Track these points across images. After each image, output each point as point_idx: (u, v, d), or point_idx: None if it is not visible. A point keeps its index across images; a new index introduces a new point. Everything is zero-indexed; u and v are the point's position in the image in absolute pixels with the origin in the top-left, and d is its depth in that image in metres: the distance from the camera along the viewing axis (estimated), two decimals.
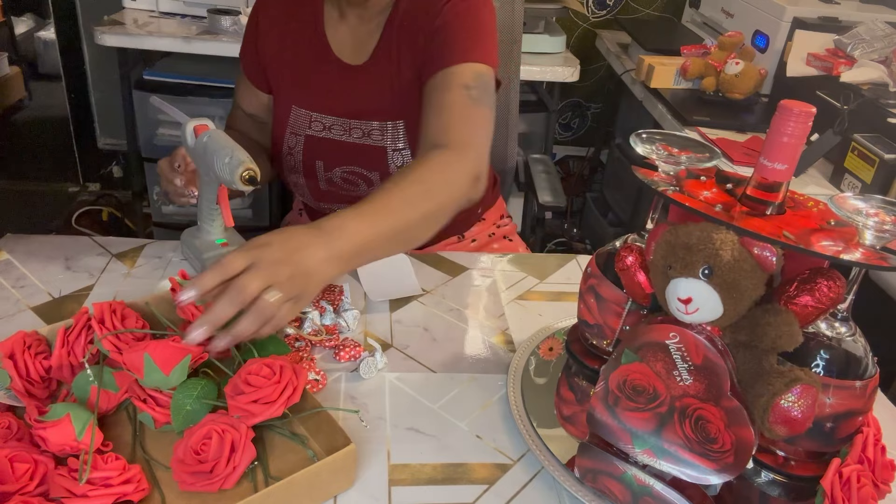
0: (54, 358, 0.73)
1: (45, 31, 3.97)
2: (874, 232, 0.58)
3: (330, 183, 1.15)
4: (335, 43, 1.09)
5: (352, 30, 1.08)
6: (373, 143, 1.10)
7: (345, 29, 1.08)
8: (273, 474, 0.67)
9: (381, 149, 1.10)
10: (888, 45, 1.73)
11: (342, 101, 1.10)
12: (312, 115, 1.12)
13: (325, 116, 1.11)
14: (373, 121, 1.09)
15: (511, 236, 1.33)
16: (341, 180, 1.14)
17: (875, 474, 0.65)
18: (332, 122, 1.11)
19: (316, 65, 1.10)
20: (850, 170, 1.44)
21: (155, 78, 2.14)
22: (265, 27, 1.13)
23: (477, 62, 0.99)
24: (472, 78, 0.98)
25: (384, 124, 1.09)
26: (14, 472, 0.61)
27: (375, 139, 1.09)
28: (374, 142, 1.10)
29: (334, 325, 0.89)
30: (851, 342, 0.63)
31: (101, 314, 0.74)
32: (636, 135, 0.74)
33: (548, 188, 1.44)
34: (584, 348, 0.82)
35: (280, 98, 1.15)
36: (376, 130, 1.09)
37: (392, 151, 1.09)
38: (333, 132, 1.11)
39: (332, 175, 1.14)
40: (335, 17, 1.09)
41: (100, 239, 1.05)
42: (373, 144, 1.10)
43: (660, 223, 0.68)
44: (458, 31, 1.00)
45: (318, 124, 1.11)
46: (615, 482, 0.66)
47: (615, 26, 2.59)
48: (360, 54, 1.08)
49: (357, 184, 1.14)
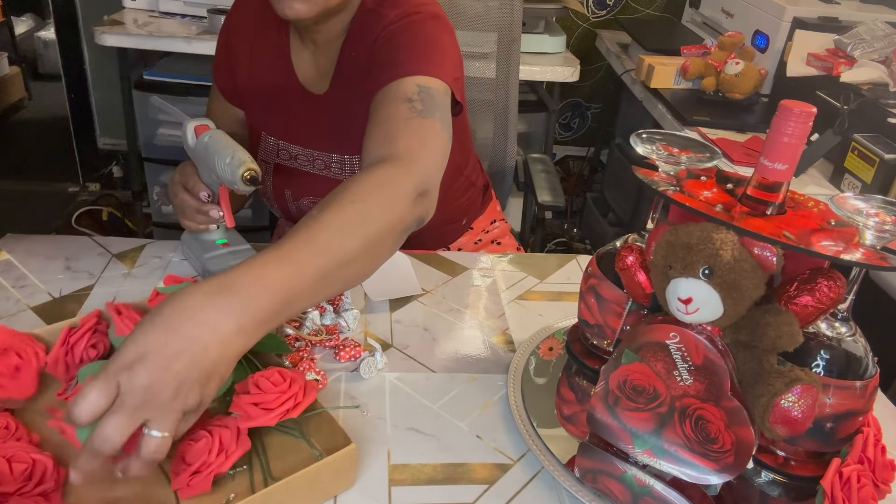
0: (52, 354, 0.73)
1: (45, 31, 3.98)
2: (874, 232, 0.58)
3: (300, 210, 1.12)
4: (300, 70, 1.05)
5: (313, 57, 1.04)
6: (332, 177, 1.06)
7: (307, 56, 1.04)
8: (273, 474, 0.67)
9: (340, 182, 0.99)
10: (888, 45, 1.73)
11: (306, 130, 1.06)
12: (280, 144, 1.08)
13: (290, 146, 1.08)
14: (333, 153, 1.05)
15: (501, 239, 1.31)
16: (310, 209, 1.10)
17: (875, 474, 0.65)
18: (298, 152, 1.08)
19: (283, 92, 1.06)
20: (850, 170, 1.44)
21: (155, 78, 2.14)
22: (237, 46, 1.08)
23: (422, 75, 0.89)
24: (415, 90, 0.87)
25: (343, 158, 1.05)
26: (13, 472, 0.61)
27: (335, 172, 1.06)
28: (333, 175, 1.06)
29: (334, 325, 0.89)
30: (851, 342, 0.63)
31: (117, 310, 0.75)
32: (636, 135, 0.74)
33: (547, 188, 1.44)
34: (584, 348, 0.82)
35: (251, 122, 1.12)
36: (336, 164, 1.06)
37: None
38: (299, 162, 1.08)
39: (300, 203, 1.12)
40: (298, 43, 1.04)
41: (100, 239, 1.05)
42: (333, 178, 1.06)
43: (660, 223, 0.68)
44: (399, 48, 0.93)
45: (285, 153, 1.09)
46: (615, 482, 0.66)
47: (615, 26, 2.59)
48: (321, 83, 1.04)
49: None
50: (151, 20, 2.12)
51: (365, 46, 0.97)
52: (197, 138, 0.90)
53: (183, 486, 0.63)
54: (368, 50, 0.96)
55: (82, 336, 0.75)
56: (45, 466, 0.62)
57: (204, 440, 0.64)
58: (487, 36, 1.46)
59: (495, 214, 1.35)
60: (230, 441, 0.65)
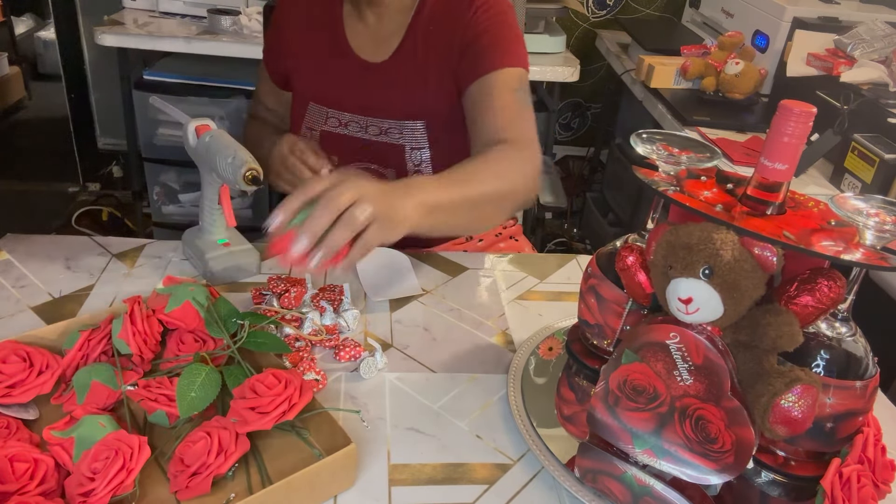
0: (68, 357, 0.74)
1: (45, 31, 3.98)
2: (874, 232, 0.58)
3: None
4: (354, 41, 1.10)
5: (370, 28, 1.10)
6: (390, 141, 1.11)
7: (363, 27, 1.10)
8: (273, 474, 0.67)
9: (398, 147, 1.11)
10: (888, 45, 1.73)
11: (360, 97, 1.11)
12: (329, 112, 1.13)
13: (341, 113, 1.12)
14: (391, 119, 1.10)
15: (517, 236, 1.33)
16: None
17: (875, 474, 0.65)
18: (349, 119, 1.12)
19: (335, 62, 1.11)
20: (850, 170, 1.44)
21: (155, 78, 2.14)
22: (285, 27, 1.15)
23: (516, 66, 1.04)
24: (517, 81, 1.03)
25: (402, 123, 1.10)
26: (14, 471, 0.61)
27: (393, 137, 1.11)
28: (391, 139, 1.11)
29: (334, 325, 0.89)
30: (852, 342, 0.63)
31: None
32: (636, 135, 0.74)
33: (548, 188, 1.44)
34: (584, 348, 0.82)
35: (298, 94, 1.17)
36: (394, 128, 1.10)
37: (411, 150, 1.11)
38: (350, 128, 1.12)
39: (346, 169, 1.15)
40: (354, 16, 1.11)
41: (100, 239, 1.05)
42: (390, 142, 1.11)
43: (660, 223, 0.68)
44: (495, 38, 1.04)
45: (334, 120, 1.13)
46: (615, 482, 0.66)
47: (615, 26, 2.59)
48: (380, 52, 1.09)
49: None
50: (151, 20, 2.12)
51: (451, 25, 1.05)
52: (198, 138, 0.90)
53: (182, 488, 0.63)
54: (457, 29, 1.05)
55: (100, 341, 0.76)
56: (46, 466, 0.63)
57: (203, 441, 0.64)
58: None
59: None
60: (229, 442, 0.65)
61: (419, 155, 1.11)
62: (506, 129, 0.99)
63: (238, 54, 2.01)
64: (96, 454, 0.62)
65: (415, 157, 1.11)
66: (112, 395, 0.71)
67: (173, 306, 0.78)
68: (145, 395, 0.69)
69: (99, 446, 0.63)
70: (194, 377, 0.70)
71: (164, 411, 0.69)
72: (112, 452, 0.62)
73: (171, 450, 0.66)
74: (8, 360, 0.71)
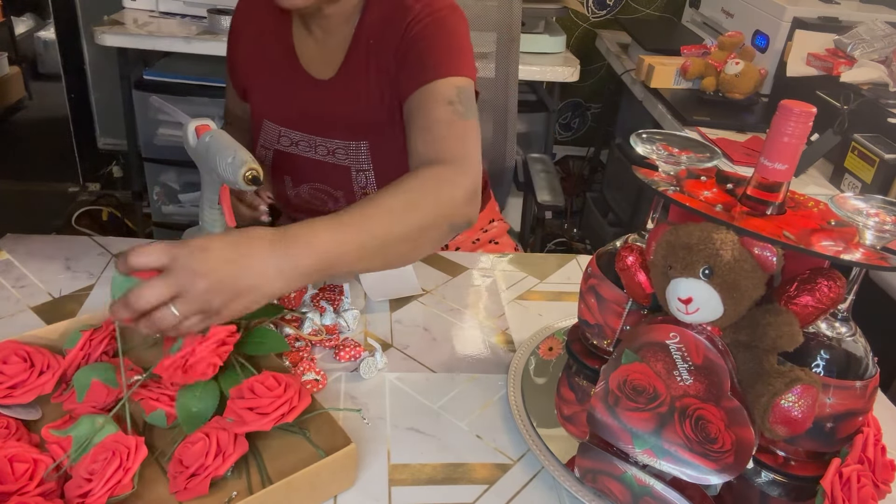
0: (70, 356, 0.74)
1: (45, 31, 3.98)
2: (874, 232, 0.58)
3: (298, 197, 1.14)
4: (303, 56, 1.06)
5: (318, 43, 1.04)
6: (336, 162, 1.07)
7: (312, 42, 1.05)
8: (272, 474, 0.67)
9: (345, 168, 1.07)
10: (888, 45, 1.73)
11: (309, 116, 1.07)
12: (281, 130, 1.09)
13: (292, 132, 1.08)
14: (336, 139, 1.06)
15: (498, 239, 1.31)
16: (308, 196, 1.13)
17: (875, 474, 0.65)
18: (299, 138, 1.08)
19: (285, 78, 1.07)
20: (850, 170, 1.44)
21: (155, 78, 2.14)
22: (241, 38, 1.12)
23: (456, 76, 0.94)
24: (454, 93, 0.93)
25: (348, 144, 1.06)
26: (14, 472, 0.61)
27: (339, 158, 1.07)
28: (337, 160, 1.07)
29: (334, 325, 0.89)
30: (851, 342, 0.63)
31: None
32: (636, 135, 0.74)
33: (547, 188, 1.44)
34: (584, 348, 0.82)
35: (253, 111, 1.13)
36: (340, 149, 1.06)
37: (356, 172, 1.07)
38: (300, 148, 1.09)
39: (299, 190, 1.13)
40: (302, 30, 1.05)
41: (100, 239, 1.05)
42: (336, 163, 1.07)
43: (660, 223, 0.68)
44: (432, 46, 0.96)
45: (286, 139, 1.09)
46: (615, 482, 0.66)
47: (615, 26, 2.59)
48: (328, 69, 1.04)
49: (324, 200, 1.12)
50: (151, 20, 2.12)
51: (389, 36, 0.98)
52: (198, 138, 0.90)
53: (180, 490, 0.63)
54: (394, 40, 0.98)
55: (102, 341, 0.76)
56: (45, 466, 0.63)
57: (201, 443, 0.65)
58: (487, 36, 1.46)
59: (493, 214, 1.35)
60: (227, 443, 0.65)
61: (364, 177, 1.07)
62: (436, 148, 0.89)
63: None
64: (94, 455, 0.62)
65: (360, 180, 1.07)
66: (111, 394, 0.71)
67: None
68: (147, 394, 0.69)
69: (97, 448, 0.63)
70: (193, 390, 0.69)
71: (164, 412, 0.69)
72: (109, 453, 0.62)
73: (170, 450, 0.66)
74: (9, 361, 0.71)
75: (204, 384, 0.70)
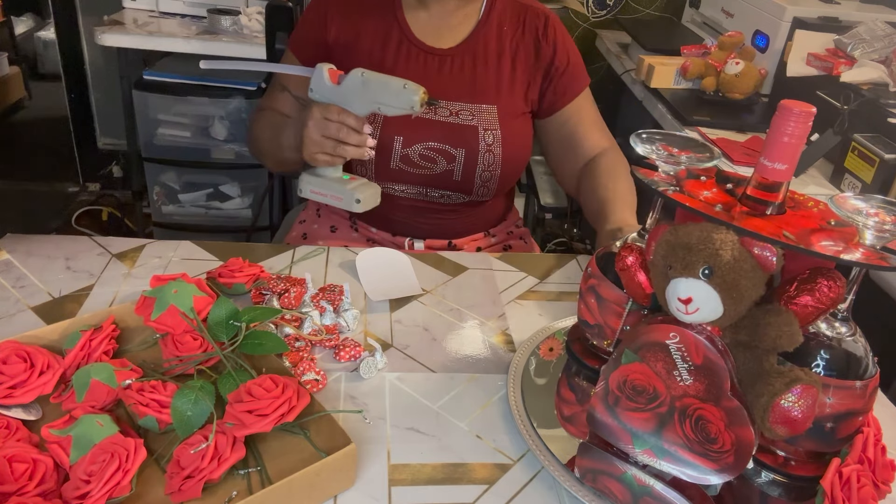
0: (70, 356, 0.74)
1: (45, 31, 3.98)
2: (874, 232, 0.58)
3: (404, 160, 1.15)
4: (416, 28, 1.16)
5: (433, 16, 1.16)
6: (462, 122, 1.15)
7: (425, 15, 1.16)
8: (272, 475, 0.67)
9: (472, 127, 1.15)
10: (888, 45, 1.73)
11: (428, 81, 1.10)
12: None
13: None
14: (461, 101, 1.15)
15: (526, 238, 1.35)
16: (419, 157, 1.15)
17: (875, 474, 0.65)
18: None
19: (397, 48, 1.16)
20: (850, 170, 1.44)
21: (155, 78, 2.14)
22: (336, 17, 1.17)
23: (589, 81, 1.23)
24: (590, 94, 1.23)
25: (474, 106, 1.15)
26: (13, 472, 0.61)
27: (465, 118, 1.15)
28: (462, 121, 1.15)
29: (334, 325, 0.89)
30: (851, 342, 0.63)
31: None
32: (636, 135, 0.74)
33: (549, 189, 1.44)
34: (584, 348, 0.82)
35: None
36: (465, 111, 1.15)
37: (483, 130, 1.14)
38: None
39: (409, 151, 1.15)
40: (413, 4, 1.16)
41: (100, 239, 1.05)
42: (462, 123, 1.15)
43: (660, 223, 0.68)
44: (576, 60, 1.21)
45: None
46: (615, 482, 0.66)
47: (615, 26, 2.59)
48: (446, 40, 1.16)
49: (436, 160, 1.15)
50: (151, 20, 2.12)
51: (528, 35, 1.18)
52: (337, 81, 0.95)
53: (175, 491, 0.63)
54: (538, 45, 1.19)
55: (102, 341, 0.76)
56: (45, 466, 0.63)
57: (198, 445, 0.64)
58: None
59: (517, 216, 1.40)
60: (225, 447, 0.65)
61: (491, 135, 1.15)
62: (601, 139, 1.21)
63: (238, 54, 2.01)
64: (93, 457, 0.62)
65: (487, 137, 1.15)
66: (111, 393, 0.71)
67: (159, 312, 0.78)
68: (137, 398, 0.69)
69: (95, 450, 0.63)
70: (188, 394, 0.69)
71: (154, 417, 0.69)
72: (108, 455, 0.62)
73: (169, 451, 0.66)
74: (9, 361, 0.71)
75: (199, 388, 0.70)
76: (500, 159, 1.16)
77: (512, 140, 1.17)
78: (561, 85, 1.19)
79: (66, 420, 0.68)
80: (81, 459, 0.63)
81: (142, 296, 0.81)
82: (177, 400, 0.68)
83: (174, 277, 0.83)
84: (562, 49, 1.19)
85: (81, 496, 0.60)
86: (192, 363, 0.75)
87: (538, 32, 1.18)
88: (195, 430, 0.68)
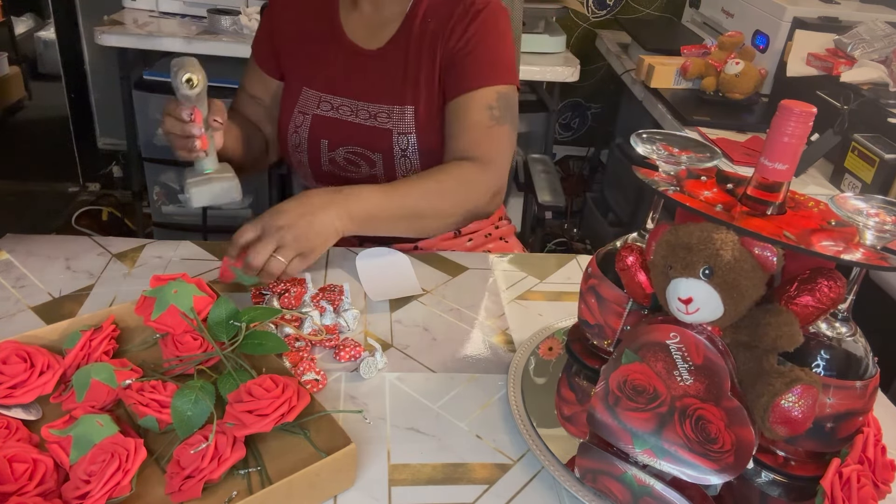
0: (70, 356, 0.74)
1: (45, 31, 3.98)
2: (875, 232, 0.58)
3: (332, 163, 1.18)
4: (349, 28, 1.15)
5: (365, 17, 1.15)
6: (379, 126, 1.14)
7: (357, 16, 1.15)
8: (272, 475, 0.67)
9: (387, 131, 1.14)
10: (888, 45, 1.73)
11: (352, 83, 1.15)
12: (322, 96, 1.16)
13: (333, 97, 1.16)
14: (381, 104, 1.14)
15: (508, 238, 1.32)
16: (344, 160, 1.17)
17: (875, 474, 0.65)
18: (341, 103, 1.15)
19: (329, 48, 1.16)
20: (850, 170, 1.44)
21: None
22: (280, 15, 1.19)
23: (500, 84, 1.09)
24: (494, 99, 1.08)
25: (392, 108, 1.13)
26: (13, 472, 0.61)
27: (382, 121, 1.14)
28: (380, 124, 1.14)
29: (334, 325, 0.89)
30: (852, 342, 0.63)
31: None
32: (636, 135, 0.74)
33: (547, 188, 1.44)
34: (584, 348, 0.82)
35: (291, 80, 1.20)
36: (383, 113, 1.14)
37: (398, 134, 1.13)
38: (341, 112, 1.15)
39: (335, 154, 1.17)
40: (348, 5, 1.16)
41: (100, 239, 1.05)
42: (379, 126, 1.14)
43: (660, 223, 0.68)
44: (484, 53, 1.08)
45: (326, 104, 1.16)
46: (615, 482, 0.66)
47: (615, 26, 2.59)
48: (374, 40, 1.14)
49: (359, 164, 1.17)
50: (151, 20, 2.12)
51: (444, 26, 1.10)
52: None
53: (175, 491, 0.63)
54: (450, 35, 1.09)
55: (102, 341, 0.76)
56: (45, 466, 0.62)
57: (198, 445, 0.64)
58: None
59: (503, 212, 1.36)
60: (225, 447, 0.65)
61: (405, 140, 1.13)
62: (471, 148, 1.07)
63: (238, 54, 2.01)
64: (93, 457, 0.62)
65: (401, 142, 1.13)
66: (111, 393, 0.71)
67: (159, 312, 0.78)
68: (137, 398, 0.69)
69: (95, 450, 0.63)
70: (188, 394, 0.69)
71: (154, 417, 0.69)
72: (108, 455, 0.62)
73: (169, 451, 0.66)
74: (9, 361, 0.71)
75: (199, 388, 0.70)
76: (419, 165, 1.14)
77: (428, 141, 1.13)
78: (455, 75, 1.09)
79: (66, 420, 0.68)
80: (81, 459, 0.63)
81: (142, 296, 0.81)
82: (177, 400, 0.68)
83: (174, 277, 0.82)
84: (474, 38, 1.08)
85: (81, 496, 0.60)
86: (192, 363, 0.75)
87: (462, 20, 1.09)
88: (195, 430, 0.68)
